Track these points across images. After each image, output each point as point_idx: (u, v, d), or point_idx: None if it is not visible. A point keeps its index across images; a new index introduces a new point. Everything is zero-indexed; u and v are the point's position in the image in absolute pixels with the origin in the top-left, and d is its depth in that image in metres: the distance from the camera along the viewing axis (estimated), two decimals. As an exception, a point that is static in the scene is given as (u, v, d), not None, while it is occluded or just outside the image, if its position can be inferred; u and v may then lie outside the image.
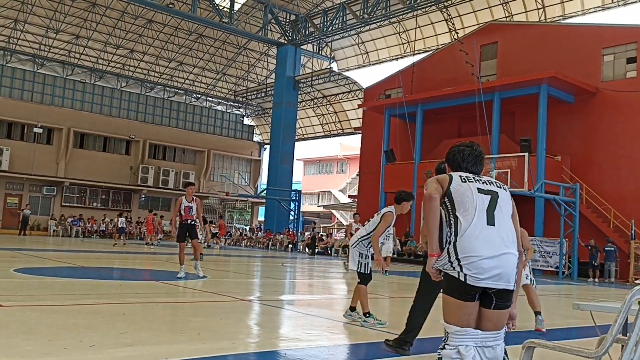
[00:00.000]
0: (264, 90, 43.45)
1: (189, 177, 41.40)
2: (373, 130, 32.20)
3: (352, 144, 50.28)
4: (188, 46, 40.52)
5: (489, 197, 3.01)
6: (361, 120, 36.12)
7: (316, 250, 29.81)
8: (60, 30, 35.93)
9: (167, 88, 43.07)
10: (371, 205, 29.15)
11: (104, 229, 34.24)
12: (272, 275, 14.88)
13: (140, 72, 41.47)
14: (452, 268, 2.89)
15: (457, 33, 33.10)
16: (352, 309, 6.72)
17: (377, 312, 6.76)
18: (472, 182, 3.05)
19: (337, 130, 45.48)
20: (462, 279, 2.84)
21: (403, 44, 37.20)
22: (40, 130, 35.47)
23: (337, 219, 54.88)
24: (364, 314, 6.47)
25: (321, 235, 35.14)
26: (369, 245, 6.56)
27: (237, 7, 35.91)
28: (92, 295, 8.15)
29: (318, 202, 58.23)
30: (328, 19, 34.83)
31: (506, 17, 30.93)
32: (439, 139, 28.50)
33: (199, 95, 44.70)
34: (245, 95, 45.61)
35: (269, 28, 36.78)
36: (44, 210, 35.73)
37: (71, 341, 4.68)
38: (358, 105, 35.97)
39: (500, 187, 3.11)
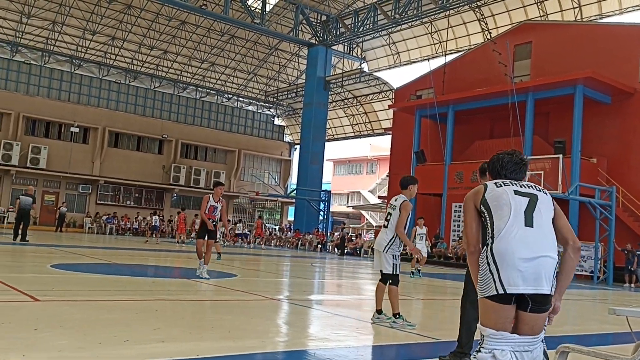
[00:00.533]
0: (295, 90, 43.63)
1: (220, 176, 41.81)
2: (403, 131, 31.99)
3: (382, 145, 50.09)
4: (220, 47, 40.95)
5: (527, 199, 2.96)
6: (391, 120, 35.94)
7: (345, 250, 29.80)
8: (97, 32, 36.73)
9: (199, 88, 43.61)
10: (401, 207, 28.96)
11: (137, 227, 34.88)
12: (301, 275, 14.93)
13: (173, 72, 42.10)
14: (489, 273, 2.84)
15: (490, 33, 32.67)
16: (379, 311, 6.61)
17: (407, 313, 6.72)
18: (509, 185, 3.03)
19: (367, 130, 45.38)
20: (499, 283, 2.80)
21: (435, 44, 36.89)
22: (77, 130, 36.31)
23: (367, 219, 54.74)
24: (394, 315, 6.41)
25: (350, 235, 35.12)
26: (401, 245, 6.48)
27: (268, 8, 36.14)
28: (125, 291, 8.32)
29: (347, 202, 58.15)
30: (359, 19, 34.75)
31: (541, 16, 30.39)
32: (471, 140, 28.15)
33: (231, 96, 45.13)
34: (276, 95, 45.87)
35: (300, 29, 36.90)
36: (80, 207, 36.58)
37: (105, 336, 4.79)
38: (388, 105, 35.79)
39: (540, 191, 3.06)
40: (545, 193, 3.06)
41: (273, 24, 36.83)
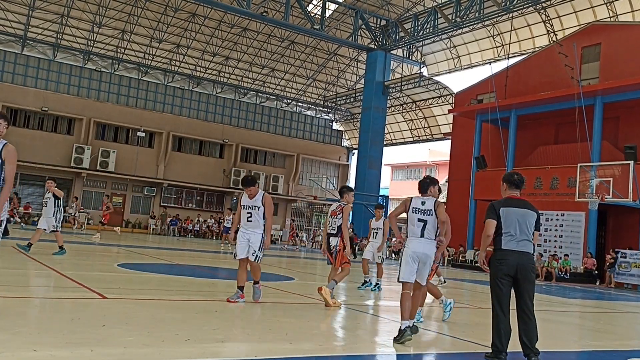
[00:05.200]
0: (353, 95, 43.66)
1: (279, 180, 42.41)
2: (463, 136, 31.44)
3: (441, 150, 49.33)
4: (280, 53, 41.54)
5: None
6: (451, 125, 35.38)
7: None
8: (163, 40, 38.05)
9: (259, 94, 44.36)
10: (460, 213, 28.46)
11: (198, 229, 35.82)
12: (358, 280, 14.88)
13: (234, 78, 43.02)
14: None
15: (556, 35, 31.61)
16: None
17: (468, 322, 6.57)
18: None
19: (426, 135, 44.83)
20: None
21: (497, 47, 36.05)
22: (143, 134, 37.68)
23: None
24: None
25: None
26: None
27: (328, 13, 36.36)
28: (186, 291, 8.56)
29: (405, 208, 57.47)
30: (419, 23, 34.42)
31: (610, 17, 29.15)
32: (534, 146, 27.35)
33: (290, 101, 45.67)
34: (334, 100, 46.06)
35: (359, 34, 36.93)
36: (145, 209, 37.93)
37: (168, 334, 4.96)
38: (448, 110, 35.25)
39: None
40: None
41: (332, 29, 37.02)
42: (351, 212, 8.15)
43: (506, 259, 5.10)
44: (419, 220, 5.90)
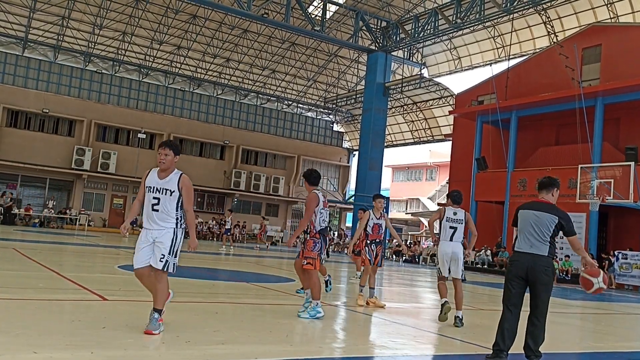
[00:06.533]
0: (354, 96, 43.66)
1: (279, 182, 42.44)
2: (464, 137, 31.43)
3: (442, 151, 49.35)
4: (281, 54, 41.55)
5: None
6: (452, 126, 35.36)
7: (404, 257, 29.50)
8: (164, 42, 38.07)
9: (260, 95, 44.38)
10: (461, 214, 28.46)
11: (199, 230, 35.83)
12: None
13: (235, 80, 43.04)
14: None
15: (557, 36, 31.61)
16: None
17: (469, 324, 6.54)
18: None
19: (426, 137, 44.84)
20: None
21: (497, 48, 36.04)
22: (144, 136, 37.69)
23: (425, 226, 53.99)
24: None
25: (409, 242, 34.69)
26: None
27: (328, 15, 36.37)
28: (187, 293, 8.55)
29: (406, 209, 57.57)
30: (420, 24, 34.39)
31: (611, 18, 29.15)
32: (535, 147, 27.35)
33: (291, 102, 45.68)
34: (335, 101, 46.07)
35: (359, 35, 36.92)
36: (145, 211, 37.90)
37: (168, 336, 4.95)
38: (449, 111, 35.24)
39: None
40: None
41: (333, 30, 37.02)
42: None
43: (517, 260, 5.14)
44: (450, 227, 7.41)
